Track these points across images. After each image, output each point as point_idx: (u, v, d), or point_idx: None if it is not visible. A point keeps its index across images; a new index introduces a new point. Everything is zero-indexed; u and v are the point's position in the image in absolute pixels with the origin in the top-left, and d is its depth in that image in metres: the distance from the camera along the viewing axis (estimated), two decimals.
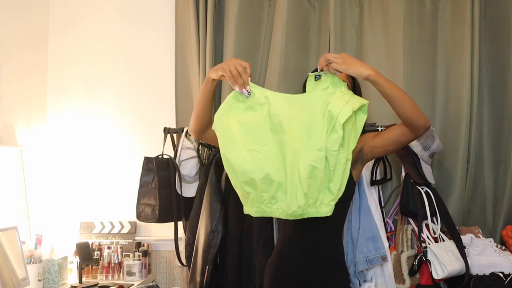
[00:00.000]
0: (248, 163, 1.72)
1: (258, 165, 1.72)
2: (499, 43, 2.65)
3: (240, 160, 1.73)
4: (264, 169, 1.72)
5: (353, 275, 2.19)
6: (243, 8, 2.73)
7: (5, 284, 2.14)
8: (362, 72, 1.72)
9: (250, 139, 1.75)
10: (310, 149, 1.70)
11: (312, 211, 1.72)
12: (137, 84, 2.98)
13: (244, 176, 1.73)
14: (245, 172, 1.72)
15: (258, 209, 1.76)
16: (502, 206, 2.59)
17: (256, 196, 1.74)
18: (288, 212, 1.72)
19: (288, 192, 1.72)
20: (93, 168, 2.96)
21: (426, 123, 1.77)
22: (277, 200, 1.73)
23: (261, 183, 1.71)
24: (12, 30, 2.65)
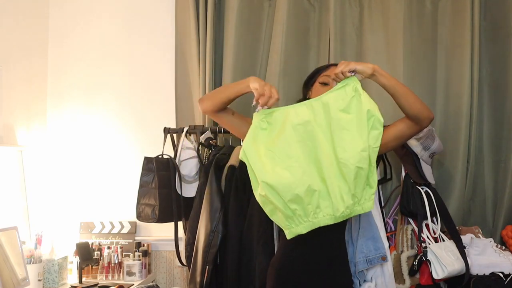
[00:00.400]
0: (289, 179, 1.73)
1: (299, 179, 1.74)
2: (499, 43, 2.65)
3: (280, 179, 1.74)
4: (305, 181, 1.73)
5: (353, 275, 2.19)
6: (243, 8, 2.73)
7: (5, 284, 2.14)
8: (368, 67, 1.78)
9: (282, 158, 1.77)
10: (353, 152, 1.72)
11: (358, 209, 1.76)
12: (137, 84, 2.98)
13: (289, 193, 1.73)
14: (289, 188, 1.73)
15: (307, 224, 1.76)
16: (502, 206, 2.59)
17: (302, 211, 1.75)
18: (336, 215, 1.75)
19: (332, 196, 1.74)
20: (93, 168, 2.96)
21: (430, 114, 1.82)
22: (321, 208, 1.75)
23: (305, 196, 1.73)
24: (12, 30, 2.65)
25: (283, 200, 1.74)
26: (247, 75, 2.73)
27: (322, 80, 1.96)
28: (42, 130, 2.93)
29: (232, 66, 2.71)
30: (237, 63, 2.73)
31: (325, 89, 1.92)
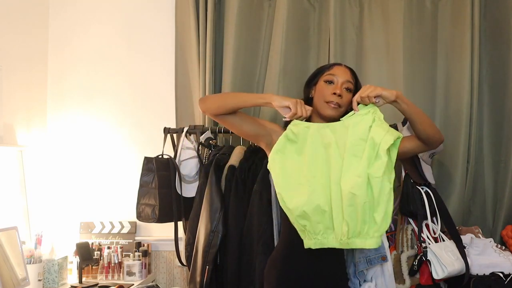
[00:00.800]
0: (299, 197, 1.76)
1: (308, 197, 1.76)
2: (499, 43, 2.65)
3: (291, 196, 1.77)
4: (314, 201, 1.75)
5: (353, 275, 2.18)
6: (243, 8, 2.73)
7: (5, 284, 2.13)
8: (392, 93, 1.82)
9: (302, 173, 1.80)
10: (350, 176, 1.73)
11: (358, 242, 1.76)
12: (137, 84, 2.98)
13: (297, 210, 1.76)
14: (297, 206, 1.76)
15: (316, 241, 1.79)
16: (502, 206, 2.59)
17: (311, 228, 1.77)
18: (339, 240, 1.77)
19: (335, 220, 1.76)
20: (93, 168, 2.96)
21: (441, 137, 1.91)
22: (334, 229, 1.77)
23: (313, 215, 1.75)
24: (12, 30, 2.65)
25: (292, 215, 1.78)
26: (247, 75, 2.76)
27: (326, 78, 1.96)
28: (42, 130, 2.93)
29: (232, 66, 2.71)
30: (237, 63, 2.73)
31: (330, 88, 1.92)
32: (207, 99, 1.93)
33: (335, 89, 1.91)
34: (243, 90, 2.73)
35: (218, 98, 1.94)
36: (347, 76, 1.96)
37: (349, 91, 1.95)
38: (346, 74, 1.96)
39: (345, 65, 2.03)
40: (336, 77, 1.94)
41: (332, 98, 1.89)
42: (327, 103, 1.90)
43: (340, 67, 2.00)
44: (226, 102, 1.87)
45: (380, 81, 2.71)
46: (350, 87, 1.95)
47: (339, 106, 1.90)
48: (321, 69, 2.04)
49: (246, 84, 2.75)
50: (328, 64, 2.06)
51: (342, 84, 1.93)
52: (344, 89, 1.93)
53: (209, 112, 1.92)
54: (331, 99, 1.90)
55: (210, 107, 1.89)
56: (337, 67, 1.99)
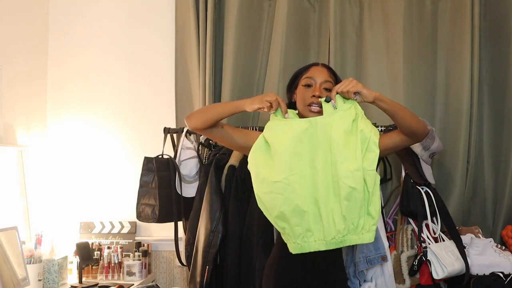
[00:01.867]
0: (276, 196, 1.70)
1: (286, 198, 1.69)
2: (499, 43, 2.65)
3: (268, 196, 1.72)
4: (293, 201, 1.69)
5: (353, 275, 2.19)
6: (243, 8, 2.73)
7: (5, 284, 2.13)
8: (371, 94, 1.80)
9: (279, 170, 1.72)
10: (346, 171, 1.68)
11: (354, 238, 1.70)
12: (137, 84, 2.98)
13: (274, 211, 1.70)
14: (274, 207, 1.70)
15: (296, 245, 1.72)
16: (502, 206, 2.59)
17: (290, 231, 1.71)
18: (327, 240, 1.69)
19: (324, 218, 1.69)
20: (93, 168, 2.96)
21: (426, 129, 1.87)
22: (313, 231, 1.70)
23: (291, 216, 1.68)
24: (12, 30, 2.65)
25: (271, 216, 1.73)
26: (247, 75, 2.76)
27: (304, 82, 1.93)
28: (42, 130, 2.93)
29: (232, 66, 2.71)
30: (237, 63, 2.73)
31: (308, 91, 1.90)
32: (192, 116, 1.91)
33: (314, 91, 1.90)
34: (243, 90, 2.73)
35: (200, 113, 1.91)
36: (325, 76, 1.93)
37: (329, 91, 1.92)
38: (323, 74, 1.94)
39: (322, 64, 2.01)
40: (314, 79, 1.92)
41: (312, 100, 1.89)
42: (308, 107, 1.90)
43: (317, 68, 1.97)
44: (207, 116, 1.86)
45: (380, 81, 2.71)
46: (329, 86, 1.92)
47: (320, 107, 1.89)
48: (299, 71, 2.01)
49: (246, 84, 2.75)
50: (306, 66, 2.02)
51: (321, 85, 1.91)
52: (323, 90, 1.91)
53: (196, 128, 1.89)
54: (311, 102, 1.89)
55: (195, 123, 1.88)
56: (314, 68, 1.97)
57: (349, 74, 2.72)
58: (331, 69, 2.00)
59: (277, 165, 1.74)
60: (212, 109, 1.90)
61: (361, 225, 1.70)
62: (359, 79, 2.72)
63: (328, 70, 1.98)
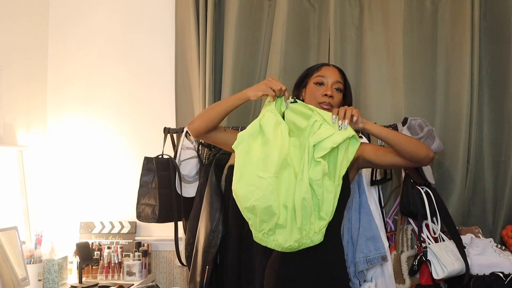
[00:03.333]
0: (254, 189, 1.72)
1: (263, 195, 1.71)
2: (499, 43, 2.65)
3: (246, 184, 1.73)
4: (268, 200, 1.71)
5: (353, 275, 2.19)
6: (243, 8, 2.73)
7: (5, 284, 2.13)
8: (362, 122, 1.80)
9: (266, 166, 1.74)
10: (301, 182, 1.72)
11: (307, 242, 1.74)
12: (137, 84, 2.98)
13: (247, 202, 1.72)
14: (248, 198, 1.72)
15: (256, 235, 1.77)
16: (502, 206, 2.59)
17: (255, 224, 1.75)
18: (284, 246, 1.74)
19: (288, 228, 1.73)
20: (93, 168, 2.96)
21: (428, 154, 1.81)
22: (274, 233, 1.74)
23: (261, 213, 1.71)
24: (12, 30, 2.65)
25: (240, 205, 1.75)
26: (247, 75, 2.76)
27: (316, 80, 1.95)
28: (42, 130, 2.93)
29: (232, 66, 2.71)
30: (237, 63, 2.73)
31: (320, 90, 1.91)
32: (194, 121, 1.90)
33: (326, 90, 1.91)
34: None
35: (203, 115, 1.90)
36: (337, 77, 1.95)
37: (339, 91, 1.94)
38: (335, 75, 1.96)
39: (333, 65, 2.03)
40: (326, 78, 1.93)
41: (324, 99, 1.89)
42: (319, 105, 1.90)
43: (329, 68, 1.99)
44: (212, 115, 1.86)
45: (380, 81, 2.71)
46: (340, 87, 1.95)
47: (330, 107, 1.90)
48: (309, 70, 2.02)
49: (246, 84, 2.74)
50: (317, 65, 2.04)
51: (333, 85, 1.93)
52: (334, 90, 1.93)
53: (200, 132, 1.88)
54: (323, 100, 1.89)
55: (199, 126, 1.87)
56: (326, 68, 1.98)
57: (349, 74, 2.71)
58: (342, 71, 2.01)
59: (266, 162, 1.75)
60: (214, 109, 1.89)
61: (313, 229, 1.74)
62: (359, 79, 2.73)
63: (339, 71, 1.99)
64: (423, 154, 1.79)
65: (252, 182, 1.73)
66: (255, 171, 1.74)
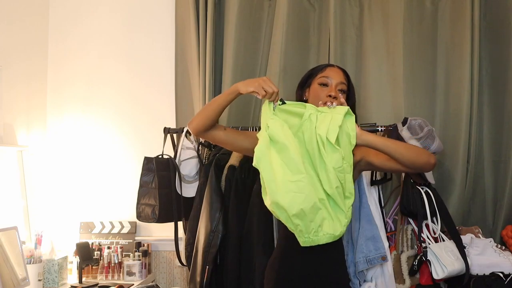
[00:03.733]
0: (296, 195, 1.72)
1: (306, 196, 1.72)
2: (499, 43, 2.65)
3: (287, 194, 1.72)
4: (312, 198, 1.72)
5: (353, 275, 2.19)
6: (243, 8, 2.73)
7: (5, 284, 2.13)
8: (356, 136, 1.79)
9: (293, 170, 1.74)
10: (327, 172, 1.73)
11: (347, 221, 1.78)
12: (137, 84, 2.98)
13: (294, 208, 1.71)
14: (294, 204, 1.71)
15: (307, 239, 1.76)
16: (502, 206, 2.59)
17: (304, 227, 1.74)
18: (335, 234, 1.76)
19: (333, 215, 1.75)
20: (93, 168, 2.96)
21: (429, 160, 1.81)
22: (323, 226, 1.75)
23: (309, 213, 1.72)
24: (12, 30, 2.65)
25: (287, 214, 1.73)
26: (247, 75, 2.76)
27: (320, 81, 1.96)
28: (42, 130, 2.93)
29: (232, 66, 2.71)
30: (237, 63, 2.73)
31: (324, 90, 1.92)
32: (193, 120, 1.90)
33: (330, 91, 1.91)
34: None
35: (199, 114, 1.91)
36: (341, 78, 1.96)
37: (343, 92, 1.95)
38: (339, 76, 1.96)
39: (337, 66, 2.03)
40: (330, 79, 1.94)
41: (327, 99, 1.89)
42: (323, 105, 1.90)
43: (333, 69, 1.99)
44: (207, 113, 1.86)
45: (380, 81, 2.71)
46: (344, 88, 1.95)
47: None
48: (314, 70, 2.03)
49: None
50: (321, 65, 2.05)
51: (337, 86, 1.93)
52: (338, 91, 1.93)
53: (198, 130, 1.89)
54: (326, 101, 1.88)
55: (197, 125, 1.88)
56: (330, 69, 1.99)
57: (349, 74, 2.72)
58: (346, 72, 2.01)
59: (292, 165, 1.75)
60: (209, 105, 1.89)
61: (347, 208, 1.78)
62: (359, 79, 2.73)
63: (343, 72, 1.99)
64: (423, 161, 1.80)
65: (290, 189, 1.72)
66: (286, 178, 1.73)
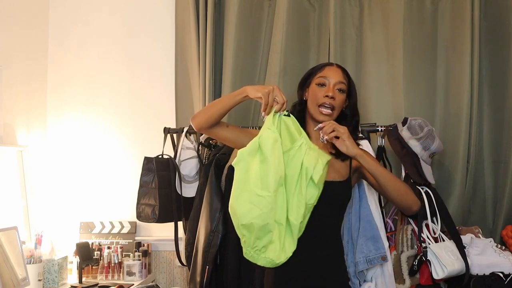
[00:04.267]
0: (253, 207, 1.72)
1: (262, 213, 1.72)
2: (499, 43, 2.65)
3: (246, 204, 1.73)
4: (266, 218, 1.72)
5: (353, 275, 2.19)
6: (243, 8, 2.73)
7: (5, 284, 2.13)
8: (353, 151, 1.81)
9: (264, 185, 1.74)
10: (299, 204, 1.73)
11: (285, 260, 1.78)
12: (137, 84, 2.98)
13: (245, 219, 1.72)
14: (245, 215, 1.72)
15: (247, 252, 1.78)
16: (502, 206, 2.59)
17: (249, 240, 1.75)
18: (276, 262, 1.75)
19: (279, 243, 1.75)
20: (93, 168, 2.96)
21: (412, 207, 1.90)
22: (267, 249, 1.76)
23: (258, 230, 1.72)
24: (12, 30, 2.66)
25: (238, 221, 1.74)
26: (247, 75, 2.76)
27: (318, 81, 1.94)
28: (42, 130, 2.93)
29: (232, 66, 2.71)
30: (237, 63, 2.73)
31: (322, 91, 1.91)
32: (196, 116, 1.90)
33: (328, 91, 1.90)
34: None
35: (204, 111, 1.91)
36: (339, 77, 1.94)
37: (342, 92, 1.93)
38: (338, 75, 1.94)
39: (336, 65, 2.01)
40: (328, 79, 1.92)
41: (325, 100, 1.89)
42: (319, 107, 1.90)
43: (331, 68, 1.97)
44: (212, 112, 1.86)
45: (380, 81, 2.71)
46: (343, 87, 1.93)
47: (332, 109, 1.89)
48: (312, 70, 2.01)
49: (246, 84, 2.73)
50: (320, 64, 2.03)
51: (335, 86, 1.91)
52: (336, 90, 1.91)
53: (201, 127, 1.88)
54: (323, 101, 1.89)
55: (200, 122, 1.87)
56: (328, 68, 1.97)
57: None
58: (345, 70, 1.99)
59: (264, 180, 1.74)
60: (215, 104, 1.89)
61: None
62: (359, 79, 2.73)
63: (343, 71, 1.97)
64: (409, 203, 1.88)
65: (251, 200, 1.73)
66: (254, 189, 1.73)
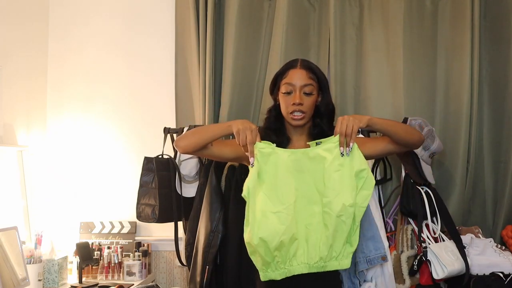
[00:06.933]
0: (277, 226, 1.73)
1: (287, 226, 1.74)
2: (499, 43, 2.65)
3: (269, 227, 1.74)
4: (291, 229, 1.75)
5: (353, 275, 2.19)
6: (243, 8, 2.73)
7: (5, 284, 2.13)
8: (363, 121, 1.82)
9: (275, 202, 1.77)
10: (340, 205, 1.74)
11: (334, 264, 1.79)
12: (137, 84, 2.98)
13: (274, 241, 1.73)
14: (275, 236, 1.73)
15: (283, 271, 1.78)
16: (502, 206, 2.59)
17: (281, 258, 1.76)
18: (310, 263, 1.77)
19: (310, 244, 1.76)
20: (93, 168, 2.96)
21: (420, 138, 1.98)
22: (296, 256, 1.77)
23: (288, 244, 1.75)
24: (12, 29, 2.65)
25: (269, 248, 1.73)
26: (247, 75, 2.76)
27: (284, 89, 1.92)
28: (42, 130, 2.93)
29: (232, 66, 2.71)
30: (237, 63, 2.73)
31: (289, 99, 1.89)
32: (181, 139, 1.92)
33: (294, 99, 1.88)
34: (243, 90, 2.73)
35: (191, 136, 1.91)
36: (304, 79, 1.89)
37: (309, 95, 1.90)
38: (302, 77, 1.90)
39: (300, 64, 1.94)
40: (292, 84, 1.89)
41: (293, 108, 1.88)
42: (291, 115, 1.90)
43: (295, 71, 1.92)
44: (196, 140, 1.87)
45: (380, 81, 2.71)
46: (310, 90, 1.90)
47: (302, 113, 1.89)
48: (278, 74, 1.99)
49: (246, 84, 2.75)
50: (284, 67, 1.99)
51: (301, 90, 1.89)
52: (303, 95, 1.89)
53: (187, 152, 1.92)
54: (292, 109, 1.88)
55: (187, 148, 1.89)
56: (292, 71, 1.92)
57: (349, 74, 2.72)
58: (311, 68, 1.94)
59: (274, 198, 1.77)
60: (205, 132, 1.90)
61: (342, 252, 1.79)
62: (359, 79, 2.73)
63: (307, 70, 1.92)
64: (416, 139, 1.94)
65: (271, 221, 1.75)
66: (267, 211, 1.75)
